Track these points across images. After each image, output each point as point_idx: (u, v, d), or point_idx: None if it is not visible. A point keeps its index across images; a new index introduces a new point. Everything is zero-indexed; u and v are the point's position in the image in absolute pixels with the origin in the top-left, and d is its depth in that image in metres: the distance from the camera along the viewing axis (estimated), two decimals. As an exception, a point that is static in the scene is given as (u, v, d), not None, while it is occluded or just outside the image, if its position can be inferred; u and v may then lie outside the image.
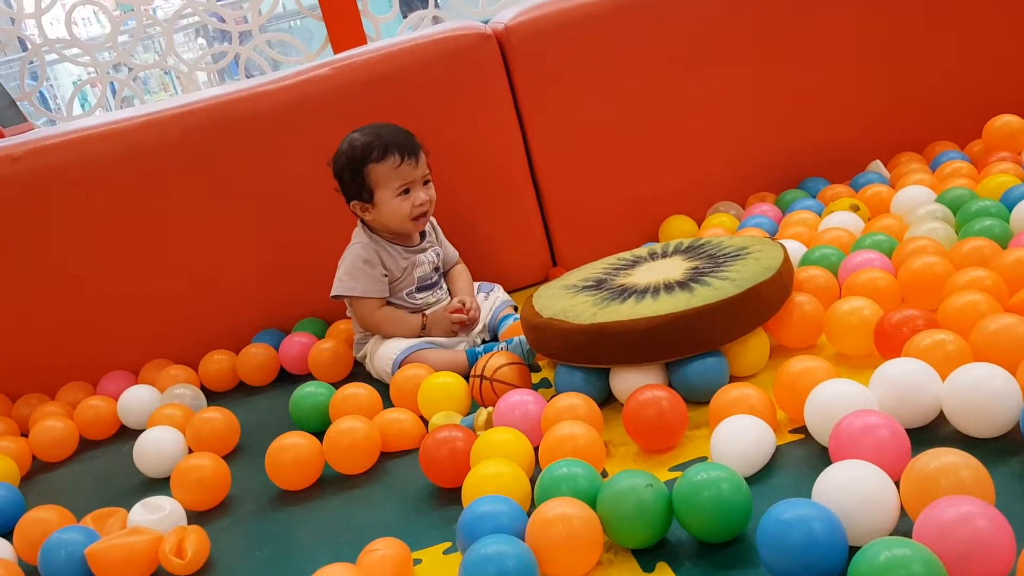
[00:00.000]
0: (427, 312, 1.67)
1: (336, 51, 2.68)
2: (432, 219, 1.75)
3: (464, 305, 1.65)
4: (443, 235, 1.78)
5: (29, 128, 2.69)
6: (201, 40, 4.97)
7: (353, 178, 1.61)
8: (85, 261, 1.81)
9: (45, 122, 3.05)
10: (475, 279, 1.81)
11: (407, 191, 1.61)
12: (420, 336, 1.65)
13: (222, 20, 2.86)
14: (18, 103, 2.83)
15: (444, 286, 1.75)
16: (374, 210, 1.62)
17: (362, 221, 1.67)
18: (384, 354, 1.60)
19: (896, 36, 1.98)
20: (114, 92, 2.87)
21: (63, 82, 5.18)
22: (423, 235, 1.71)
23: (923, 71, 2.01)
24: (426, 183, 1.64)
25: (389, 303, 1.67)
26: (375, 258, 1.63)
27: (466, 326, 1.66)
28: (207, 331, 1.86)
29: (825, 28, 1.96)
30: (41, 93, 4.02)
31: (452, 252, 1.79)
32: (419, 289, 1.69)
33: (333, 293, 1.65)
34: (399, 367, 1.56)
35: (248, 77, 2.78)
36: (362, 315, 1.64)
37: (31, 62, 2.80)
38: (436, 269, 1.72)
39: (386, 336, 1.64)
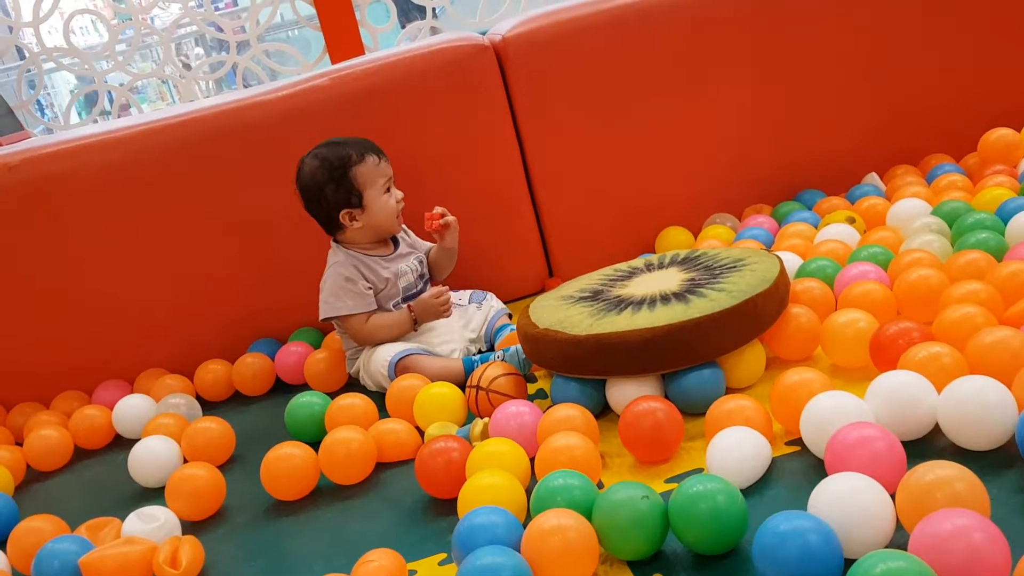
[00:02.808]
0: (411, 304, 1.67)
1: (334, 61, 2.68)
2: (403, 224, 1.76)
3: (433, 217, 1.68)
4: (415, 236, 1.79)
5: (26, 136, 2.68)
6: (199, 49, 4.98)
7: (339, 187, 1.62)
8: (80, 270, 1.81)
9: (42, 131, 3.04)
10: (470, 288, 1.80)
11: (389, 189, 1.65)
12: (415, 328, 1.65)
13: (220, 30, 2.87)
14: (15, 111, 2.83)
15: None
16: (364, 214, 1.64)
17: (335, 241, 1.69)
18: (379, 359, 1.61)
19: (892, 49, 1.99)
20: (111, 101, 2.86)
21: (60, 90, 5.18)
22: (397, 243, 1.72)
23: (919, 84, 2.02)
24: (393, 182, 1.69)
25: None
26: (355, 273, 1.64)
27: (442, 234, 1.70)
28: (202, 340, 1.86)
29: (821, 41, 1.96)
30: (38, 101, 4.02)
31: (428, 246, 1.80)
32: (405, 299, 1.69)
33: (322, 316, 1.65)
34: (395, 370, 1.57)
35: (246, 87, 2.78)
36: (355, 331, 1.65)
37: (28, 70, 2.80)
38: (421, 277, 1.73)
39: (383, 342, 1.64)
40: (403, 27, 2.94)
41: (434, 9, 2.86)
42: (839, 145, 2.02)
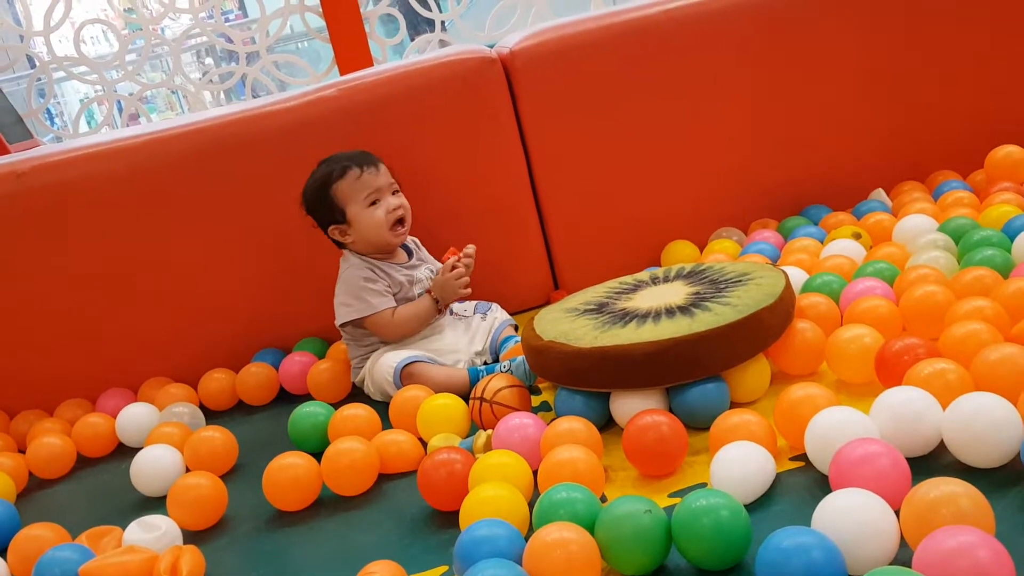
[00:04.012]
0: (429, 289, 1.68)
1: (343, 73, 2.69)
2: (415, 239, 1.77)
3: (457, 253, 1.66)
4: (428, 254, 1.79)
5: (35, 145, 2.70)
6: (208, 60, 5.01)
7: (323, 204, 1.65)
8: (86, 278, 1.81)
9: (51, 139, 3.06)
10: (476, 299, 1.80)
11: (376, 201, 1.64)
12: (439, 312, 1.66)
13: (230, 41, 2.88)
14: (25, 119, 2.85)
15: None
16: (352, 229, 1.65)
17: (346, 248, 1.69)
18: (384, 365, 1.60)
19: (899, 65, 1.99)
20: (120, 110, 2.88)
21: (70, 99, 5.21)
22: (410, 253, 1.72)
23: (926, 100, 2.02)
24: (395, 192, 1.67)
25: None
26: (372, 274, 1.64)
27: (465, 274, 1.66)
28: (207, 349, 1.86)
29: (828, 56, 1.97)
30: (48, 110, 4.04)
31: (439, 267, 1.80)
32: None
33: (341, 321, 1.65)
34: (400, 377, 1.57)
35: (255, 98, 2.79)
36: (382, 328, 1.64)
37: (39, 79, 2.82)
38: None
39: (411, 334, 1.65)
40: (412, 40, 2.95)
41: (443, 22, 2.87)
42: (846, 161, 2.02)
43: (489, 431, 1.32)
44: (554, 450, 1.17)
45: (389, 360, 1.60)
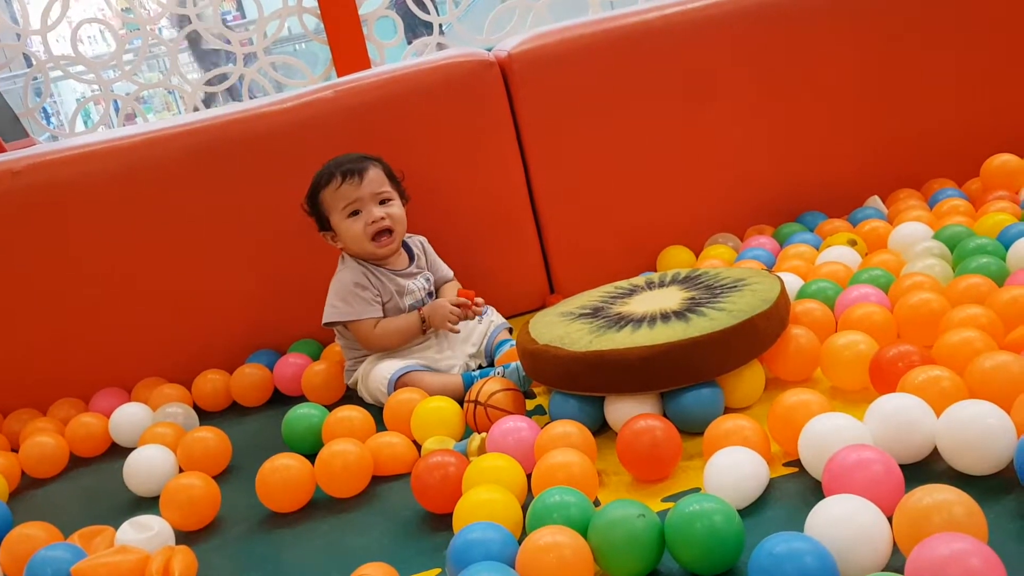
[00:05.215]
0: (420, 309, 1.66)
1: (340, 75, 2.69)
2: (423, 240, 1.76)
3: (472, 296, 1.63)
4: (435, 255, 1.78)
5: (31, 143, 2.69)
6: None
7: (313, 209, 1.66)
8: (80, 277, 1.81)
9: (47, 138, 3.05)
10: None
11: (356, 212, 1.62)
12: (423, 334, 1.64)
13: (227, 42, 2.88)
14: (21, 118, 2.84)
15: None
16: (338, 237, 1.65)
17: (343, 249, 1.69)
18: (378, 375, 1.60)
19: (896, 73, 2.00)
20: (117, 110, 2.87)
21: (67, 99, 5.20)
22: (412, 258, 1.72)
23: (922, 108, 2.03)
24: (383, 202, 1.64)
25: None
26: (365, 280, 1.64)
27: (465, 318, 1.63)
28: (201, 350, 1.86)
29: (825, 63, 1.97)
30: (44, 109, 4.03)
31: (446, 271, 1.79)
32: None
33: (326, 320, 1.64)
34: (394, 387, 1.56)
35: (251, 99, 2.79)
36: (363, 337, 1.64)
37: (35, 78, 2.81)
38: (430, 295, 1.72)
39: (390, 347, 1.63)
40: (410, 42, 2.94)
41: (440, 25, 2.87)
42: (842, 168, 2.03)
43: (483, 434, 1.32)
44: (548, 454, 1.17)
45: (383, 371, 1.59)
